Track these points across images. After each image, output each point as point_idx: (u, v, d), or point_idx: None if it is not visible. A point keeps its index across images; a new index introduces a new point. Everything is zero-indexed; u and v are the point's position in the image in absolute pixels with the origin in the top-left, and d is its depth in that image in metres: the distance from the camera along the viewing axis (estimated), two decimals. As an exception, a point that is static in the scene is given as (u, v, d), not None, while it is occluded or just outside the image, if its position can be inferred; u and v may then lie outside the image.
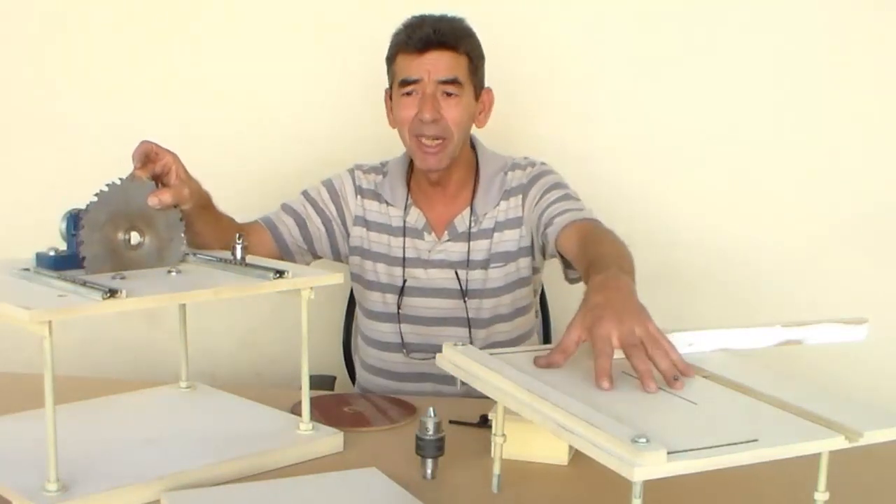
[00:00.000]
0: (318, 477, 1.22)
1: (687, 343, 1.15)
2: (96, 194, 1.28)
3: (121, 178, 1.32)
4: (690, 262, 2.30)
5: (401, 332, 1.82)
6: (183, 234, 1.38)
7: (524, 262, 1.79)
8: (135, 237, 1.32)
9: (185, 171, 1.43)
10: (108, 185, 1.30)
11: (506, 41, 2.26)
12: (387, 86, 1.77)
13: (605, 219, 2.25)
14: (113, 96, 2.39)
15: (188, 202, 1.41)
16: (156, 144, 1.42)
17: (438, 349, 1.80)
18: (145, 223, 1.34)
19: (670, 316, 2.23)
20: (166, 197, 1.35)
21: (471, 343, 1.74)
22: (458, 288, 1.78)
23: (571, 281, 1.75)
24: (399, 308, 1.81)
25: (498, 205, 1.78)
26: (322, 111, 2.36)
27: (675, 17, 2.23)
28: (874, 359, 2.13)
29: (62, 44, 2.40)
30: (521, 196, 1.78)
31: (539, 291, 1.96)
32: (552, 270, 2.19)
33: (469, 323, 1.79)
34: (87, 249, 1.27)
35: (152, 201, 1.33)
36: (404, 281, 1.80)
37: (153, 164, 1.40)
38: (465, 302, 1.78)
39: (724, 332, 1.17)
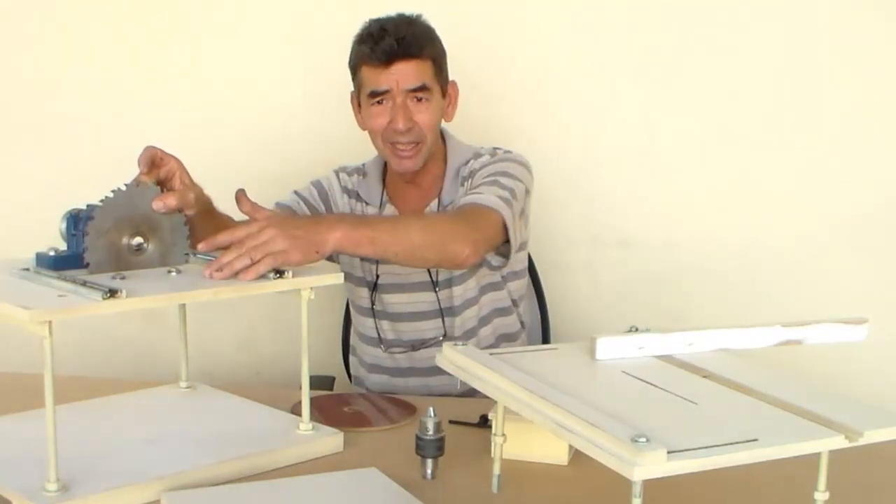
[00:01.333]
0: (318, 477, 1.22)
1: (687, 343, 1.15)
2: (102, 200, 1.29)
3: (126, 184, 1.32)
4: (690, 262, 2.30)
5: (377, 328, 1.84)
6: (187, 239, 1.38)
7: None
8: (138, 241, 1.32)
9: (189, 177, 1.44)
10: (113, 191, 1.30)
11: (505, 41, 2.27)
12: (352, 89, 1.79)
13: (605, 218, 2.26)
14: (112, 97, 2.39)
15: (192, 207, 1.41)
16: (161, 150, 1.42)
17: (415, 344, 1.81)
18: (149, 228, 1.34)
19: (670, 316, 2.27)
20: (171, 200, 1.35)
21: (444, 333, 1.78)
22: (430, 280, 1.79)
23: (493, 268, 1.77)
24: (373, 304, 1.83)
25: (458, 192, 1.79)
26: (320, 112, 2.35)
27: (675, 17, 2.23)
28: (874, 359, 2.13)
29: (62, 44, 2.40)
30: (471, 180, 1.78)
31: (520, 275, 1.90)
32: (548, 264, 2.19)
33: (442, 313, 1.80)
34: (92, 255, 1.27)
35: (157, 205, 1.34)
36: (377, 277, 1.81)
37: (158, 169, 1.41)
38: (436, 293, 1.79)
39: (724, 332, 1.17)
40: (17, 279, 1.25)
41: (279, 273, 1.28)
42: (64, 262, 1.27)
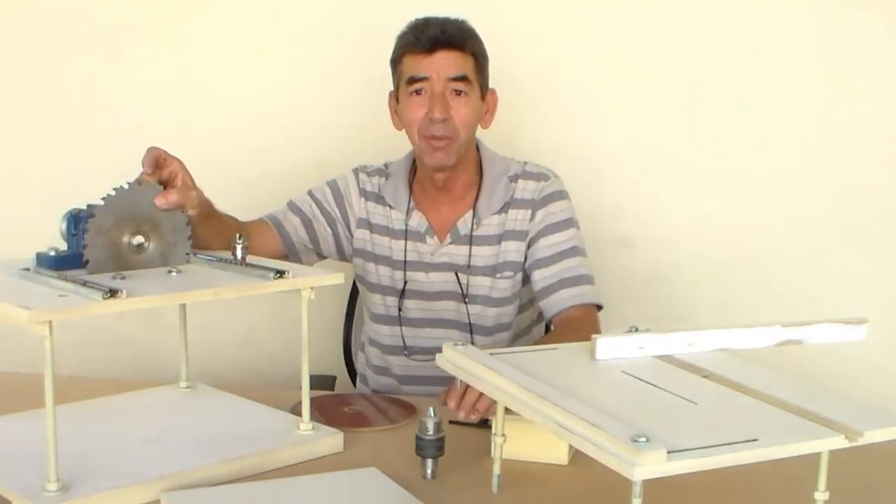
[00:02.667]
0: (318, 477, 1.22)
1: (687, 343, 1.15)
2: (104, 198, 1.29)
3: (128, 183, 1.32)
4: (690, 262, 2.30)
5: (402, 335, 1.81)
6: (189, 239, 1.38)
7: (520, 276, 1.78)
8: (139, 240, 1.32)
9: (191, 178, 1.44)
10: (115, 189, 1.30)
11: (505, 41, 2.26)
12: (391, 88, 1.76)
13: (606, 218, 2.26)
14: (112, 97, 2.39)
15: (194, 207, 1.41)
16: (164, 151, 1.42)
17: (439, 351, 1.80)
18: (151, 227, 1.34)
19: (670, 316, 2.27)
20: (173, 196, 1.35)
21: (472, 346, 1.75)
22: (459, 291, 1.78)
23: None
24: (400, 311, 1.81)
25: (507, 213, 1.76)
26: (322, 111, 2.35)
27: (675, 16, 2.23)
28: (874, 359, 2.13)
29: (62, 44, 2.40)
30: (530, 210, 1.76)
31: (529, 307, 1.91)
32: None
33: (471, 328, 1.78)
34: (91, 253, 1.27)
35: (159, 201, 1.34)
36: (405, 284, 1.79)
37: (161, 170, 1.41)
38: (466, 305, 1.78)
39: (724, 332, 1.17)
40: (17, 279, 1.24)
41: (279, 273, 1.28)
42: (64, 262, 1.26)
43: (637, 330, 1.17)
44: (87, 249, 1.27)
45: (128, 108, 2.38)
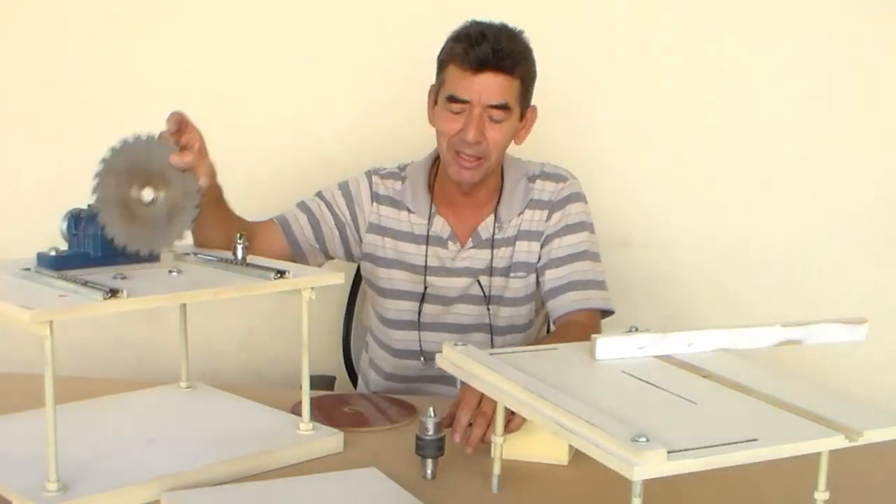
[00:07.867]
0: (318, 477, 1.22)
1: (687, 343, 1.15)
2: (122, 140, 1.29)
3: (149, 134, 1.33)
4: (690, 262, 2.30)
5: (420, 341, 1.80)
6: (196, 207, 1.38)
7: (533, 277, 1.77)
8: (148, 194, 1.32)
9: (207, 151, 1.44)
10: (135, 137, 1.30)
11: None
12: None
13: (605, 218, 2.26)
14: (113, 96, 2.39)
15: (207, 176, 1.41)
16: (187, 116, 1.43)
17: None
18: (161, 183, 1.34)
19: (670, 316, 2.27)
20: (188, 157, 1.36)
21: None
22: (481, 294, 1.77)
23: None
24: (420, 316, 1.79)
25: (523, 213, 1.76)
26: (329, 111, 2.35)
27: (674, 16, 2.23)
28: (874, 359, 2.13)
29: (62, 43, 2.39)
30: (547, 211, 1.75)
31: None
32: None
33: (491, 329, 1.78)
34: (101, 189, 1.27)
35: (174, 159, 1.35)
36: (425, 289, 1.78)
37: (181, 134, 1.41)
38: (487, 309, 1.77)
39: (724, 332, 1.17)
40: (18, 279, 1.25)
41: (279, 272, 1.28)
42: (65, 262, 1.27)
43: (637, 330, 1.17)
44: (96, 185, 1.26)
45: (130, 108, 2.38)
